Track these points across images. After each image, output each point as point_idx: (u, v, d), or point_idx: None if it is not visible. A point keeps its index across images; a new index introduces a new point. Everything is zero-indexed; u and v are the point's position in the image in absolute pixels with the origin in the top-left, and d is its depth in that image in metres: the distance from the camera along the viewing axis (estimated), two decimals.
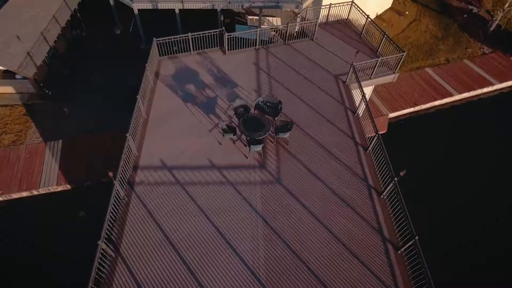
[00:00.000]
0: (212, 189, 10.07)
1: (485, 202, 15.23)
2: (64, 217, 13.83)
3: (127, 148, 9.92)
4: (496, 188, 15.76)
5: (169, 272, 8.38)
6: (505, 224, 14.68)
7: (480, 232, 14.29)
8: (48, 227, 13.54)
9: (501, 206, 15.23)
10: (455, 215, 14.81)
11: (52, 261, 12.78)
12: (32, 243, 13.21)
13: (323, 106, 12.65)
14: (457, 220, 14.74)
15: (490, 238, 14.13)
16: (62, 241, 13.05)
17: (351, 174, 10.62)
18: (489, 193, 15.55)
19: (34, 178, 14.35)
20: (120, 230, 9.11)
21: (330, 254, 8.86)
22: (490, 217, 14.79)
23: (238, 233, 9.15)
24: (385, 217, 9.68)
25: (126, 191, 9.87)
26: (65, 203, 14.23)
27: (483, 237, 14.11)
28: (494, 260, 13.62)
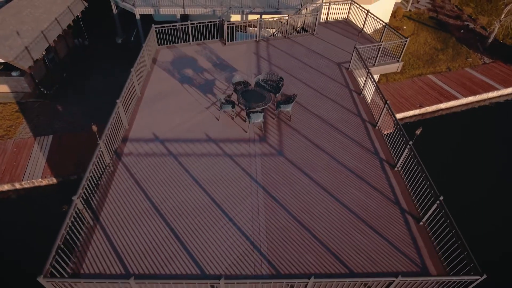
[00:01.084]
0: (207, 161, 9.13)
1: (491, 204, 13.97)
2: (46, 211, 12.61)
3: (117, 115, 9.16)
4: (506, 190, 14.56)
5: (155, 242, 7.19)
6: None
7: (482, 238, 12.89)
8: (27, 221, 12.28)
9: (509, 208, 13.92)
10: (463, 215, 13.51)
11: (30, 256, 11.38)
12: (10, 238, 11.89)
13: (327, 88, 12.07)
14: (464, 220, 13.43)
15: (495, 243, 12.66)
16: (42, 236, 11.72)
17: (360, 148, 9.71)
18: (498, 194, 14.31)
19: (18, 171, 13.36)
20: (102, 198, 8.04)
21: (341, 224, 7.70)
22: (496, 219, 13.39)
23: (235, 203, 8.07)
24: (401, 189, 8.62)
25: (112, 160, 8.94)
26: (49, 197, 13.09)
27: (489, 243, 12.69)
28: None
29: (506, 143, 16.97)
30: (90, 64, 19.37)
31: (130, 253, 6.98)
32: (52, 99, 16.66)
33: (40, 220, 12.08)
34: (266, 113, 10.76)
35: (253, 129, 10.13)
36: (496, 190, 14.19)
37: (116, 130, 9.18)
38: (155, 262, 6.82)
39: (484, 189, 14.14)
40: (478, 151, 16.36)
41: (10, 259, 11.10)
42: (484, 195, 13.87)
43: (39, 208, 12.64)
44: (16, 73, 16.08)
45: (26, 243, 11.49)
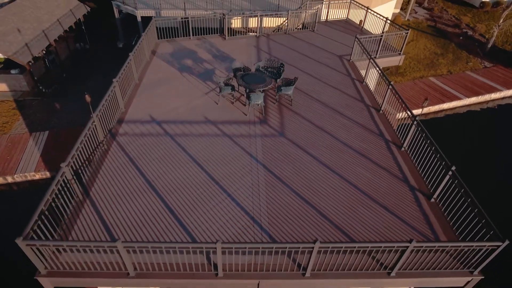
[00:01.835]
0: (205, 140, 8.76)
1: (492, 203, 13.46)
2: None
3: (113, 94, 8.87)
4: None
5: (148, 216, 6.70)
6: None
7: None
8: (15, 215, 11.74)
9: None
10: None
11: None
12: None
13: (328, 77, 11.85)
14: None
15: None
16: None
17: (364, 130, 9.35)
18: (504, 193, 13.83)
19: (11, 165, 12.95)
20: (93, 173, 7.61)
21: (347, 201, 7.22)
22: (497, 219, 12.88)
23: (234, 179, 7.62)
24: (409, 168, 8.19)
25: (106, 139, 8.56)
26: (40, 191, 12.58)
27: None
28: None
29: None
30: (90, 66, 19.37)
31: (121, 226, 6.48)
32: (51, 98, 16.49)
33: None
34: (267, 97, 10.49)
35: (253, 112, 9.81)
36: (498, 191, 13.69)
37: (111, 112, 8.87)
38: (147, 235, 6.32)
39: (485, 190, 13.65)
40: (479, 151, 15.95)
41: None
42: (485, 196, 13.37)
43: (31, 201, 12.12)
44: (16, 71, 16.01)
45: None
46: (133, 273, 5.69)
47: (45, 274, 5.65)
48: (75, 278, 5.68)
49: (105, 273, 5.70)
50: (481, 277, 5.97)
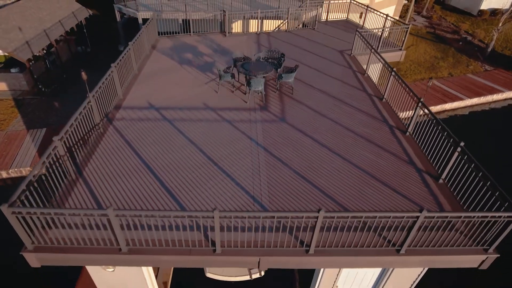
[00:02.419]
0: (204, 125, 8.53)
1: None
2: None
3: (110, 78, 8.71)
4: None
5: (143, 195, 6.38)
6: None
7: None
8: None
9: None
10: None
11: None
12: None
13: (330, 69, 11.72)
14: None
15: None
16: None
17: (368, 116, 9.13)
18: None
19: (6, 160, 12.69)
20: (88, 154, 7.34)
21: (351, 181, 6.91)
22: None
23: (234, 160, 7.34)
24: (415, 151, 7.91)
25: (103, 123, 8.34)
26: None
27: None
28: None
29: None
30: (91, 68, 19.36)
31: (115, 204, 6.16)
32: (50, 97, 16.38)
33: None
34: (267, 87, 10.32)
35: (253, 100, 9.63)
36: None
37: (109, 97, 8.70)
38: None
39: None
40: (483, 151, 15.68)
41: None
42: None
43: None
44: (16, 69, 15.97)
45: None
46: (125, 249, 5.35)
47: (32, 250, 5.31)
48: (64, 254, 5.32)
49: (95, 249, 5.36)
50: (497, 255, 5.60)
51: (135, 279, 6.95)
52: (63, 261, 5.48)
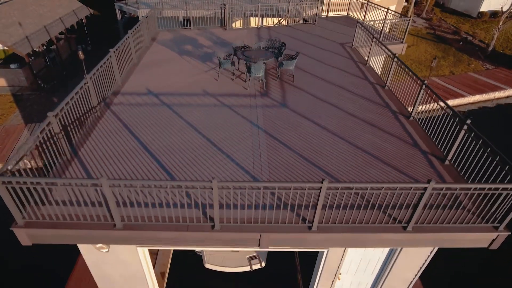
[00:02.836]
0: (204, 110, 8.36)
1: None
2: None
3: (109, 63, 8.58)
4: None
5: (140, 175, 6.18)
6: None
7: None
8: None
9: None
10: None
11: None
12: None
13: (331, 60, 11.61)
14: None
15: None
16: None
17: (370, 102, 8.97)
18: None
19: (4, 153, 12.51)
20: (84, 136, 7.16)
21: (355, 163, 6.71)
22: None
23: (234, 143, 7.15)
24: (420, 134, 7.73)
25: (100, 107, 8.18)
26: None
27: None
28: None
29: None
30: (91, 65, 19.31)
31: None
32: (49, 93, 16.28)
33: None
34: (268, 75, 10.19)
35: (254, 87, 9.48)
36: None
37: (107, 83, 8.56)
38: (139, 192, 5.78)
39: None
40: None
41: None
42: None
43: None
44: (15, 65, 15.90)
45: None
46: (120, 225, 5.12)
47: (23, 225, 5.09)
48: (56, 230, 5.10)
49: (88, 224, 5.14)
50: (508, 233, 5.36)
51: (132, 267, 6.70)
52: (55, 238, 5.26)
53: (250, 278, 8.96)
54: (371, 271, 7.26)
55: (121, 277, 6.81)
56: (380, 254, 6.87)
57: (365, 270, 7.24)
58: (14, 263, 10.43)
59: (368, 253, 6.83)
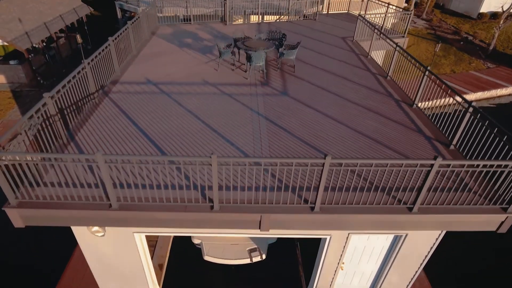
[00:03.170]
0: (203, 97, 8.24)
1: None
2: None
3: (107, 51, 8.48)
4: None
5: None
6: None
7: None
8: None
9: None
10: None
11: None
12: None
13: (333, 53, 11.51)
14: None
15: None
16: None
17: (372, 91, 8.84)
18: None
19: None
20: (81, 122, 7.03)
21: (359, 147, 6.55)
22: None
23: (234, 128, 7.01)
24: (423, 121, 7.60)
25: (98, 94, 8.06)
26: None
27: None
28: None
29: None
30: None
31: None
32: (49, 89, 16.18)
33: None
34: (268, 65, 10.08)
35: (254, 77, 9.36)
36: None
37: (106, 71, 8.46)
38: (136, 175, 5.62)
39: None
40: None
41: None
42: None
43: None
44: (14, 61, 15.84)
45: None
46: (116, 205, 4.96)
47: (15, 205, 4.92)
48: (49, 211, 4.94)
49: (83, 204, 4.97)
50: None
51: (128, 254, 6.51)
52: (48, 220, 5.09)
53: (250, 270, 8.75)
54: (375, 260, 7.06)
55: (117, 265, 6.63)
56: (384, 242, 6.68)
57: (368, 260, 7.04)
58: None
59: (372, 241, 6.64)
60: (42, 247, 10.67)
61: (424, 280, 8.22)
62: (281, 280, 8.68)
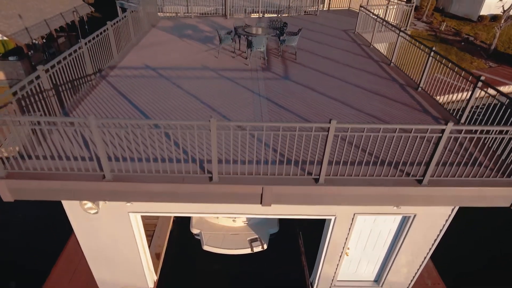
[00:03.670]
0: (203, 81, 8.05)
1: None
2: None
3: (106, 34, 8.32)
4: None
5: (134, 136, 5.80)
6: None
7: None
8: None
9: None
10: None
11: None
12: None
13: (335, 43, 11.36)
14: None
15: None
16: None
17: (376, 76, 8.65)
18: None
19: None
20: (77, 101, 6.82)
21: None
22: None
23: (235, 109, 6.79)
24: (429, 103, 7.41)
25: (96, 77, 7.87)
26: None
27: None
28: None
29: None
30: None
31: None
32: None
33: None
34: (269, 53, 9.92)
35: (255, 63, 9.19)
36: None
37: (104, 55, 8.29)
38: (133, 151, 5.38)
39: None
40: None
41: None
42: None
43: None
44: (14, 57, 15.75)
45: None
46: (110, 176, 4.71)
47: (4, 176, 4.68)
48: (39, 182, 4.69)
49: (75, 175, 4.72)
50: None
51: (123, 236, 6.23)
52: (38, 193, 4.84)
53: (252, 261, 8.44)
54: (381, 245, 6.76)
55: (112, 248, 6.34)
56: (391, 225, 6.40)
57: (375, 244, 6.74)
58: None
59: (379, 223, 6.35)
60: (30, 246, 10.18)
61: (432, 270, 7.89)
62: (283, 270, 8.36)
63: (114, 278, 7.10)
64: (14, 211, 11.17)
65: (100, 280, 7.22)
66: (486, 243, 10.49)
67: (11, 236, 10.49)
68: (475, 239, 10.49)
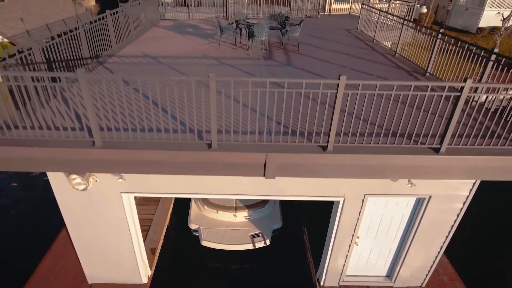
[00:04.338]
0: (203, 67, 7.81)
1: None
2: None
3: (104, 23, 8.17)
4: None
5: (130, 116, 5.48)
6: None
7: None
8: None
9: None
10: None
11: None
12: None
13: (338, 39, 11.22)
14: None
15: None
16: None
17: (382, 65, 8.41)
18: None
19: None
20: (71, 82, 6.52)
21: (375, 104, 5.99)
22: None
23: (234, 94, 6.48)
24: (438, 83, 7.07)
25: (92, 62, 7.62)
26: None
27: None
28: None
29: None
30: None
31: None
32: None
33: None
34: (271, 45, 9.74)
35: (257, 53, 8.98)
36: None
37: (102, 44, 8.10)
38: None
39: None
40: None
41: None
42: None
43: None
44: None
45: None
46: (100, 143, 4.34)
47: None
48: (24, 149, 4.31)
49: (63, 142, 4.36)
50: None
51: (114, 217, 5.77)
52: (22, 163, 4.46)
53: (254, 257, 7.90)
54: (394, 233, 6.26)
55: (102, 233, 5.87)
56: (404, 209, 5.94)
57: (387, 232, 6.24)
58: None
59: (391, 207, 5.90)
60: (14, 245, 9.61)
61: (447, 266, 7.33)
62: (287, 267, 7.81)
63: (105, 271, 6.58)
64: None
65: (90, 275, 6.69)
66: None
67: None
68: (491, 233, 9.92)
